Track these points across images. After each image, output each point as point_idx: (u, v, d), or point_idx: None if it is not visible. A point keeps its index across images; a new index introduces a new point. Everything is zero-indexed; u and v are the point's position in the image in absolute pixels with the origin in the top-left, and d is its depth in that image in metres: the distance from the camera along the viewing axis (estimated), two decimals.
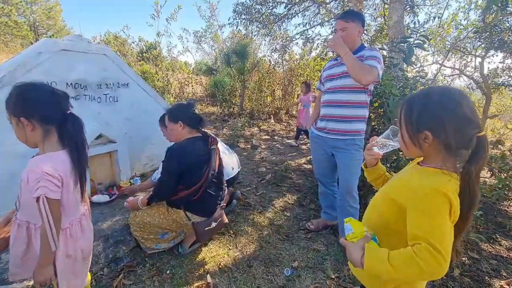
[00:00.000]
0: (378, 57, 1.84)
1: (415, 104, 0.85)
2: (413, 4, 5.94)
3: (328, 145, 2.09)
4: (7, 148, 1.95)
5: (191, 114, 1.88)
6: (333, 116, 2.01)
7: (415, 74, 3.36)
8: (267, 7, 7.22)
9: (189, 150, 1.81)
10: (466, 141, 0.78)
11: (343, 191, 2.08)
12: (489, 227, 2.50)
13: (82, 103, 2.36)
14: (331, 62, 2.15)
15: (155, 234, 1.92)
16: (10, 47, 13.91)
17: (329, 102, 2.04)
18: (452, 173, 0.80)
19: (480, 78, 7.52)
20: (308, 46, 8.30)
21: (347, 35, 1.88)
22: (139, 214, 1.91)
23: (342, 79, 1.95)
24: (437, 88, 0.90)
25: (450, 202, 0.76)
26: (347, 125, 1.98)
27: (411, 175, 0.90)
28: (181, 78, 8.99)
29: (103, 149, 2.47)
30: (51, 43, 2.15)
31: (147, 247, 1.95)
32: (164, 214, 1.89)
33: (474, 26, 6.56)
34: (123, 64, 2.73)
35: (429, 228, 0.75)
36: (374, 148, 1.06)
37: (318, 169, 2.35)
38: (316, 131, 2.17)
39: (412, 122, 0.84)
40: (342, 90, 1.96)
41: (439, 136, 0.80)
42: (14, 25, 19.45)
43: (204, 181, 1.83)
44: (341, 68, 1.95)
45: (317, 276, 1.86)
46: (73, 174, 1.09)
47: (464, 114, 0.78)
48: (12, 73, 1.93)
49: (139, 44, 8.99)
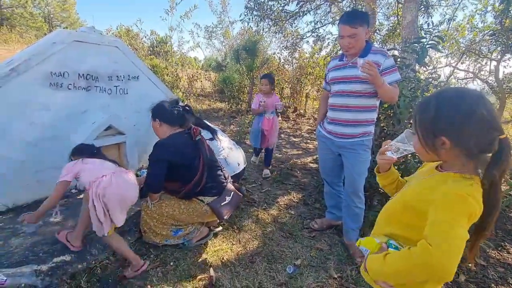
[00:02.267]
0: (395, 65, 1.83)
1: (429, 108, 0.80)
2: (428, 4, 5.82)
3: (335, 145, 2.06)
4: (16, 137, 2.00)
5: (171, 112, 1.91)
6: (342, 120, 1.96)
7: (428, 76, 3.29)
8: (279, 4, 7.17)
9: (173, 143, 1.85)
10: (487, 145, 0.74)
11: (349, 191, 2.06)
12: (498, 234, 2.45)
13: (93, 94, 2.40)
14: (335, 61, 2.05)
15: (169, 229, 1.93)
16: (25, 38, 14.17)
17: (338, 105, 1.98)
18: (474, 177, 0.76)
19: (495, 82, 7.34)
20: (318, 44, 8.23)
21: (357, 41, 1.78)
22: (158, 205, 1.90)
23: (351, 84, 1.88)
24: (452, 90, 0.86)
25: (472, 207, 0.72)
26: (356, 129, 1.94)
27: (434, 182, 0.84)
28: (190, 73, 9.02)
29: (112, 140, 2.51)
30: (65, 34, 2.18)
31: (154, 241, 1.96)
32: (185, 204, 1.91)
33: (491, 29, 6.40)
34: (134, 57, 2.75)
35: (437, 229, 0.72)
36: (388, 152, 1.01)
37: (324, 168, 2.31)
38: (324, 131, 2.14)
39: (427, 127, 0.80)
40: (352, 95, 1.89)
41: (457, 142, 0.76)
42: (29, 17, 19.80)
43: (201, 173, 1.86)
44: (350, 72, 1.87)
45: (319, 275, 1.85)
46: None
47: (483, 117, 0.73)
48: (27, 62, 1.97)
49: (151, 38, 9.02)
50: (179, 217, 1.90)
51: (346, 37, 1.79)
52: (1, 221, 1.90)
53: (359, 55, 1.82)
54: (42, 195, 2.21)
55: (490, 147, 0.74)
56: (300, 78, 8.88)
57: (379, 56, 1.81)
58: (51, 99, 2.14)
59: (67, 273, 1.63)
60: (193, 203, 1.91)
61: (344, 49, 1.86)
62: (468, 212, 0.72)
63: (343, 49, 1.88)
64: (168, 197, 1.95)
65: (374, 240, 0.87)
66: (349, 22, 1.77)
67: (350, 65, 1.88)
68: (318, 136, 2.26)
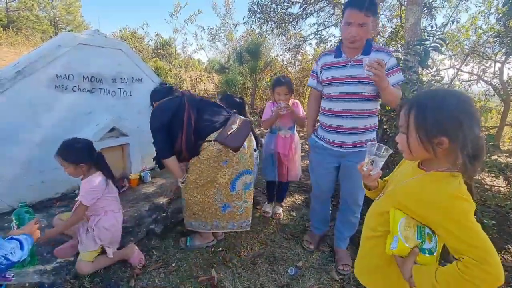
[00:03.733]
0: (398, 65, 1.70)
1: (428, 108, 0.81)
2: (431, 6, 5.80)
3: (335, 156, 1.82)
4: (22, 138, 2.03)
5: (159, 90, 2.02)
6: (345, 128, 1.72)
7: (430, 78, 3.28)
8: (282, 6, 7.20)
9: (158, 107, 1.88)
10: (477, 143, 0.77)
11: (349, 202, 1.89)
12: (502, 237, 2.43)
13: (97, 96, 2.43)
14: (328, 57, 1.75)
15: (216, 205, 1.89)
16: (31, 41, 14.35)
17: (340, 111, 1.72)
18: (458, 174, 0.80)
19: (499, 84, 7.29)
20: (321, 46, 8.24)
21: (365, 33, 1.54)
22: (187, 179, 1.88)
23: (354, 85, 1.64)
24: (447, 91, 0.89)
25: (472, 204, 0.76)
26: (362, 137, 1.73)
27: (421, 183, 0.86)
28: (193, 75, 9.07)
29: (116, 141, 2.54)
30: (70, 37, 2.22)
31: (201, 228, 1.97)
32: (200, 158, 1.82)
33: (495, 31, 6.36)
34: (138, 59, 2.78)
35: (467, 239, 0.74)
36: (372, 172, 1.01)
37: (320, 185, 1.98)
38: (321, 141, 1.86)
39: (426, 127, 0.81)
40: (358, 99, 1.66)
41: (456, 141, 0.77)
42: (35, 20, 20.06)
43: (186, 125, 1.80)
44: (351, 71, 1.64)
45: (321, 277, 1.85)
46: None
47: (478, 117, 0.77)
48: (33, 65, 2.01)
49: (155, 40, 9.13)
50: (207, 174, 1.82)
51: (356, 25, 1.51)
52: (6, 221, 1.93)
53: (362, 52, 1.62)
54: (46, 195, 2.24)
55: (478, 145, 0.77)
56: (303, 80, 8.89)
57: (383, 54, 1.61)
58: (56, 101, 2.17)
59: (71, 272, 1.65)
60: (204, 151, 1.80)
61: (350, 40, 1.58)
62: (472, 211, 0.77)
63: (348, 40, 1.59)
64: (188, 168, 1.89)
65: (406, 246, 0.84)
66: (362, 8, 1.47)
67: (352, 63, 1.64)
68: (313, 147, 1.95)
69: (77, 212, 1.64)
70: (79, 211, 1.63)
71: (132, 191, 2.48)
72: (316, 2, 6.93)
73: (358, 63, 1.59)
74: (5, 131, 1.95)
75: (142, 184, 2.62)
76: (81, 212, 1.64)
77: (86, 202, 1.62)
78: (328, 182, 1.94)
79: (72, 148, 1.63)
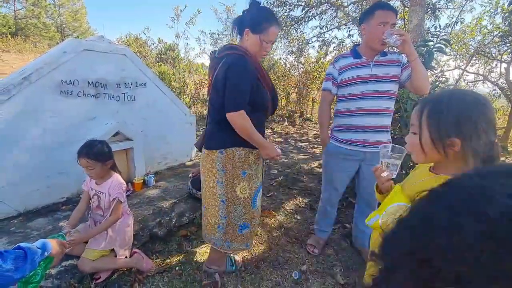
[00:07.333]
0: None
1: (443, 106, 0.78)
2: (434, 7, 5.77)
3: (355, 159, 1.85)
4: (28, 143, 2.06)
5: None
6: (372, 126, 1.75)
7: (435, 79, 3.26)
8: (284, 9, 7.23)
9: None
10: (490, 148, 0.75)
11: (371, 200, 1.90)
12: None
13: (102, 101, 2.45)
14: (347, 59, 1.80)
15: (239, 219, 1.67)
16: (38, 47, 14.63)
17: (364, 110, 1.74)
18: None
19: (506, 84, 7.19)
20: (324, 49, 8.24)
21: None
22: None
23: (379, 83, 1.70)
24: (465, 91, 0.86)
25: None
26: (387, 135, 1.78)
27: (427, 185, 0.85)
28: (197, 79, 9.14)
29: (120, 146, 2.55)
30: (75, 43, 2.25)
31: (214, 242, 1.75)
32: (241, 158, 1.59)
33: (500, 30, 6.30)
34: (142, 64, 2.81)
35: None
36: (383, 174, 1.02)
37: (340, 188, 2.00)
38: (343, 145, 1.85)
39: (439, 127, 0.78)
40: (381, 96, 1.71)
41: (469, 143, 0.75)
42: (43, 27, 20.50)
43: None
44: (375, 71, 1.71)
45: (325, 281, 1.83)
46: None
47: (495, 123, 0.76)
48: (39, 71, 2.04)
49: (158, 46, 9.22)
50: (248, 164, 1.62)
51: (390, 25, 1.61)
52: (12, 226, 1.95)
53: (380, 54, 1.74)
54: (52, 200, 2.26)
55: (492, 151, 0.75)
56: (306, 83, 8.90)
57: (396, 55, 1.78)
58: (62, 106, 2.20)
59: (75, 276, 1.65)
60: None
61: (382, 39, 1.62)
62: None
63: (380, 39, 1.62)
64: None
65: (379, 226, 0.86)
66: (394, 9, 1.64)
67: (374, 63, 1.73)
68: (335, 153, 1.90)
69: (116, 210, 1.68)
70: (117, 209, 1.68)
71: (136, 195, 2.50)
72: (318, 5, 6.95)
73: (380, 63, 1.71)
74: (12, 137, 1.98)
75: (146, 188, 2.63)
76: (119, 210, 1.69)
77: (123, 198, 1.69)
78: (345, 186, 2.01)
79: (98, 147, 1.68)
